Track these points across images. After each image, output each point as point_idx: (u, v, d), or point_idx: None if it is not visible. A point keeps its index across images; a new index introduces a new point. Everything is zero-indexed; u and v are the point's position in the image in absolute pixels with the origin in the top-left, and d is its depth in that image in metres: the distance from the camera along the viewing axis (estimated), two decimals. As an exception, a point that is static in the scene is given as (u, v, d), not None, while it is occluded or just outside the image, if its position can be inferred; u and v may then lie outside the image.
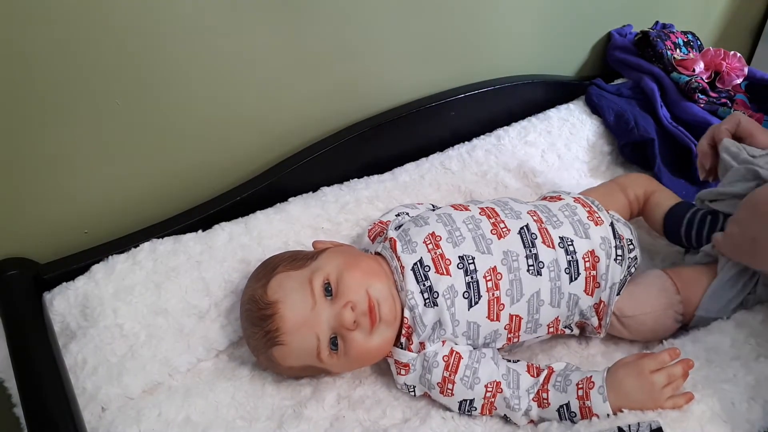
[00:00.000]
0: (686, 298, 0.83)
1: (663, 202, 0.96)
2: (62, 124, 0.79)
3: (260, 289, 0.76)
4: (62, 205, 0.85)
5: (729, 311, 0.82)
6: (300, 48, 0.93)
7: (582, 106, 1.25)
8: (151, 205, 0.91)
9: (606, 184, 1.02)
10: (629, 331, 0.84)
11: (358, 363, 0.79)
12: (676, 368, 0.71)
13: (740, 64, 1.25)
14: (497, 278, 0.77)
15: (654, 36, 1.26)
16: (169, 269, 0.84)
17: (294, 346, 0.74)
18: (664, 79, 1.23)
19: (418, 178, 1.06)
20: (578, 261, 0.80)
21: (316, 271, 0.75)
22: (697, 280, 0.84)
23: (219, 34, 0.85)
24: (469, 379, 0.75)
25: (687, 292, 0.84)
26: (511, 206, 0.85)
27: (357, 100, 1.06)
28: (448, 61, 1.13)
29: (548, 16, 1.22)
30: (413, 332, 0.77)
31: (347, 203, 0.98)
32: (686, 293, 0.84)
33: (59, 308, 0.80)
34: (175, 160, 0.91)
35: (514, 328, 0.79)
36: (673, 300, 0.83)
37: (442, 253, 0.78)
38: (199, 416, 0.75)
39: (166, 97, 0.85)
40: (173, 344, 0.81)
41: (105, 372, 0.76)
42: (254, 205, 0.95)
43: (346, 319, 0.72)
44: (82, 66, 0.77)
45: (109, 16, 0.75)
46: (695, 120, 1.17)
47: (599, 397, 0.70)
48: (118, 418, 0.73)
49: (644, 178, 1.02)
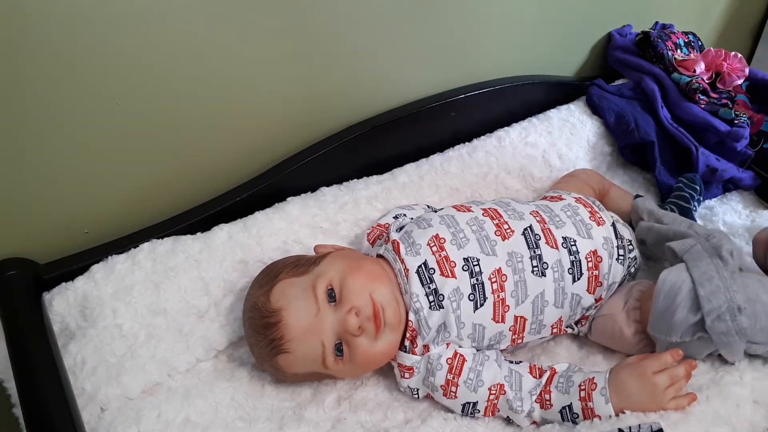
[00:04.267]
0: (643, 307, 0.80)
1: (623, 196, 1.04)
2: (62, 125, 0.79)
3: (263, 297, 0.75)
4: (62, 205, 0.84)
5: (681, 334, 0.74)
6: (300, 48, 0.93)
7: (582, 107, 1.25)
8: (151, 205, 0.91)
9: (573, 180, 1.04)
10: (591, 332, 0.85)
11: (363, 368, 0.79)
12: (678, 369, 0.71)
13: (741, 64, 1.25)
14: (502, 280, 0.77)
15: (655, 36, 1.26)
16: (168, 269, 0.84)
17: (299, 354, 0.74)
18: (665, 79, 1.23)
19: (417, 179, 1.06)
20: (581, 261, 0.80)
21: (319, 277, 0.75)
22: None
23: (219, 35, 0.84)
24: (473, 382, 0.75)
25: (646, 302, 0.79)
26: (514, 207, 0.85)
27: (357, 101, 1.05)
28: (448, 61, 1.13)
29: (548, 17, 1.22)
30: (417, 335, 0.76)
31: (346, 203, 0.98)
32: (645, 302, 0.79)
33: (59, 308, 0.79)
34: (175, 161, 0.91)
35: (518, 329, 0.79)
36: (630, 306, 0.81)
37: (446, 255, 0.77)
38: (198, 417, 0.75)
39: (166, 97, 0.85)
40: (172, 344, 0.81)
41: (104, 372, 0.76)
42: (254, 206, 0.94)
43: (351, 324, 0.72)
44: (82, 66, 0.76)
45: (109, 16, 0.75)
46: (696, 121, 1.17)
47: (602, 399, 0.70)
48: (117, 418, 0.73)
49: (598, 174, 1.10)
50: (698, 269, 0.74)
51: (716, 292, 0.72)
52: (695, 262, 0.76)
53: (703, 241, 0.79)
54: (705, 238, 0.79)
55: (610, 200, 1.03)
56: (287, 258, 0.83)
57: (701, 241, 0.79)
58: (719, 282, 0.72)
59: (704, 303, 0.71)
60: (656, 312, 0.74)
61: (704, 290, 0.72)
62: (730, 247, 0.77)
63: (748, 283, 0.73)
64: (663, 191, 1.15)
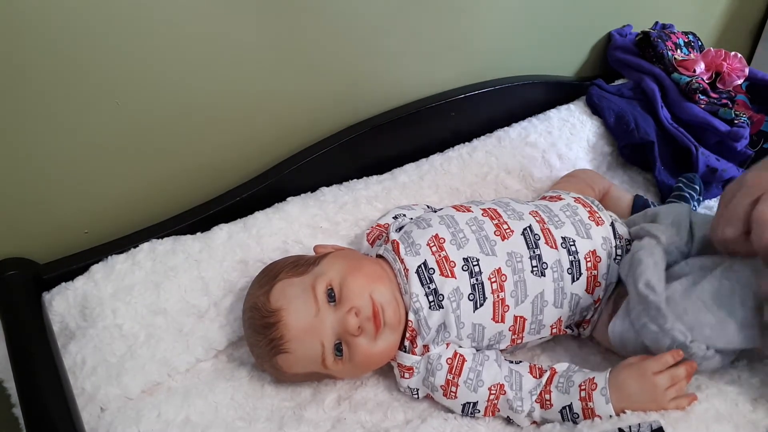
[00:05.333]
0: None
1: (623, 196, 1.04)
2: (62, 124, 0.78)
3: (263, 297, 0.75)
4: (62, 205, 0.84)
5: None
6: (300, 48, 0.93)
7: (582, 107, 1.25)
8: (151, 205, 0.91)
9: (573, 180, 1.04)
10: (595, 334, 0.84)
11: (363, 368, 0.79)
12: (679, 370, 0.71)
13: (741, 64, 1.25)
14: (502, 280, 0.77)
15: (655, 36, 1.26)
16: (167, 268, 0.84)
17: (299, 354, 0.74)
18: (665, 79, 1.23)
19: (417, 179, 1.05)
20: (580, 261, 0.80)
21: (319, 277, 0.75)
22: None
23: (219, 35, 0.84)
24: (473, 382, 0.75)
25: None
26: (513, 207, 0.85)
27: (357, 101, 1.05)
28: (448, 61, 1.13)
29: (548, 17, 1.22)
30: (417, 335, 0.76)
31: (346, 203, 0.98)
32: None
33: (58, 308, 0.79)
34: (175, 161, 0.91)
35: (518, 329, 0.79)
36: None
37: (446, 255, 0.77)
38: (198, 417, 0.75)
39: (166, 97, 0.85)
40: (172, 344, 0.81)
41: (104, 372, 0.76)
42: (253, 206, 0.94)
43: (351, 324, 0.72)
44: (82, 66, 0.76)
45: (109, 16, 0.75)
46: (696, 121, 1.17)
47: (602, 399, 0.70)
48: (117, 418, 0.73)
49: (597, 174, 1.10)
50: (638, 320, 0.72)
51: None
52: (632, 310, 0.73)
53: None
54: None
55: (609, 200, 1.03)
56: (287, 258, 0.83)
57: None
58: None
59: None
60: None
61: (647, 340, 0.71)
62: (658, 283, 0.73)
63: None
64: (663, 191, 1.15)
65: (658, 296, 0.71)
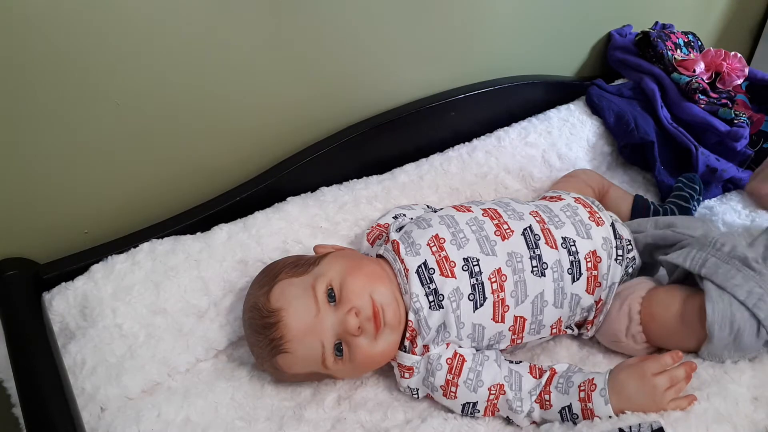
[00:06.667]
0: (647, 329, 0.79)
1: (623, 196, 1.05)
2: (62, 124, 0.79)
3: (263, 297, 0.75)
4: (62, 205, 0.84)
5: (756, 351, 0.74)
6: (300, 48, 0.93)
7: (582, 107, 1.25)
8: (151, 205, 0.91)
9: (573, 180, 1.04)
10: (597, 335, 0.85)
11: (363, 368, 0.79)
12: (678, 371, 0.71)
13: (741, 64, 1.25)
14: (502, 280, 0.77)
15: (655, 36, 1.26)
16: (167, 268, 0.84)
17: (299, 354, 0.74)
18: (665, 79, 1.23)
19: (417, 179, 1.05)
20: (581, 261, 0.80)
21: (319, 277, 0.75)
22: (663, 311, 0.78)
23: (218, 35, 0.84)
24: (473, 382, 0.75)
25: (649, 324, 0.79)
26: (513, 207, 0.85)
27: (356, 101, 1.05)
28: (448, 61, 1.13)
29: (548, 17, 1.22)
30: (417, 335, 0.76)
31: (345, 203, 0.98)
32: (647, 325, 0.79)
33: (58, 308, 0.79)
34: (175, 161, 0.91)
35: (518, 329, 0.79)
36: (634, 330, 0.80)
37: (446, 255, 0.77)
38: (198, 417, 0.75)
39: (165, 97, 0.85)
40: (172, 344, 0.81)
41: (104, 372, 0.76)
42: (253, 206, 0.94)
43: (351, 325, 0.72)
44: (82, 66, 0.76)
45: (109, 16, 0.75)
46: (695, 121, 1.17)
47: (601, 400, 0.70)
48: (117, 418, 0.73)
49: (597, 174, 1.10)
50: (741, 288, 0.72)
51: None
52: (728, 280, 0.73)
53: (712, 250, 0.77)
54: (712, 246, 0.77)
55: (609, 200, 1.03)
56: (287, 258, 0.83)
57: (708, 249, 0.77)
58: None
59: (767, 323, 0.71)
60: (718, 343, 0.73)
61: (763, 312, 0.71)
62: (754, 255, 0.75)
63: None
64: (663, 191, 1.15)
65: (761, 267, 0.74)
